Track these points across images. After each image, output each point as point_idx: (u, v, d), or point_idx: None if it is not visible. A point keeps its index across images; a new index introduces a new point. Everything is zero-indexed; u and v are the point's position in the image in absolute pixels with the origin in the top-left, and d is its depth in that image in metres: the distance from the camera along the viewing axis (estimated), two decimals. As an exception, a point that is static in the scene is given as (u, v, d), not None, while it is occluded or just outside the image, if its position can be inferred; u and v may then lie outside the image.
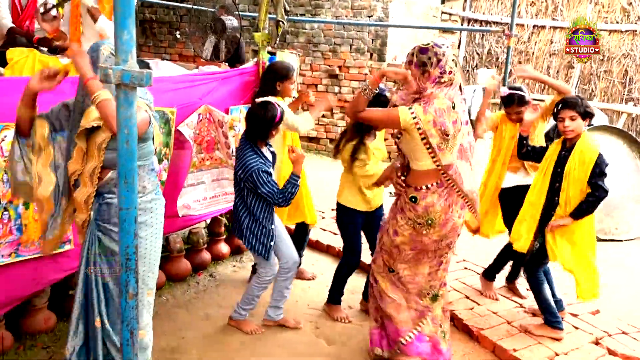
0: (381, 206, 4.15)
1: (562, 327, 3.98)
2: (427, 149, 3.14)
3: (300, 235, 4.66)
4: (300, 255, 4.68)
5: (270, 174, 3.66)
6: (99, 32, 4.46)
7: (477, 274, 4.91)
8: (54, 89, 2.81)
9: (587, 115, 3.74)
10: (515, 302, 4.49)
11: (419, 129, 3.10)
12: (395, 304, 3.51)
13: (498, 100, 8.14)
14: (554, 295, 4.08)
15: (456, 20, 12.29)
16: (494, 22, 12.09)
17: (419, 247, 3.36)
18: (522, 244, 3.95)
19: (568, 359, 3.73)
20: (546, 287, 3.99)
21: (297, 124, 4.13)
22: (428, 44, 3.19)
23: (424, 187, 3.23)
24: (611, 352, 3.85)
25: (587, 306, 4.44)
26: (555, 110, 3.86)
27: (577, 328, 4.11)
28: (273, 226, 3.80)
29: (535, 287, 4.00)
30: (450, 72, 3.18)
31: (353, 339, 3.95)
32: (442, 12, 11.97)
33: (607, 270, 5.40)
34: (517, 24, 11.07)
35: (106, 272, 2.83)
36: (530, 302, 4.35)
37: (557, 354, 3.77)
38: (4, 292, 3.31)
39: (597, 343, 3.94)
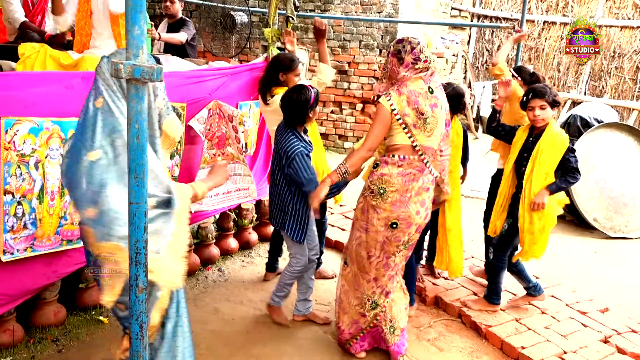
0: None
1: (499, 302, 4.23)
2: (403, 128, 3.29)
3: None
4: (322, 252, 4.69)
5: (310, 158, 3.73)
6: (112, 13, 4.37)
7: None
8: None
9: (555, 104, 3.89)
10: (524, 299, 4.48)
11: (393, 109, 3.27)
12: (343, 304, 3.67)
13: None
14: (528, 280, 4.25)
15: (466, 17, 12.24)
16: (504, 18, 12.04)
17: (369, 231, 3.42)
18: (492, 231, 4.23)
19: (577, 357, 3.72)
20: (503, 274, 4.19)
21: (324, 78, 4.43)
22: (404, 37, 3.43)
23: (390, 156, 3.35)
24: (620, 351, 3.84)
25: (596, 304, 4.44)
26: (524, 100, 3.97)
27: (585, 326, 4.10)
28: (310, 212, 3.84)
29: (494, 270, 4.21)
30: (425, 60, 3.33)
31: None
32: (452, 8, 11.93)
33: (617, 267, 5.40)
34: (527, 20, 11.01)
35: None
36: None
37: (565, 352, 3.77)
38: (18, 285, 3.35)
39: (605, 341, 3.93)
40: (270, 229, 4.98)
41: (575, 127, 6.85)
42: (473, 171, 4.20)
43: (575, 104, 11.07)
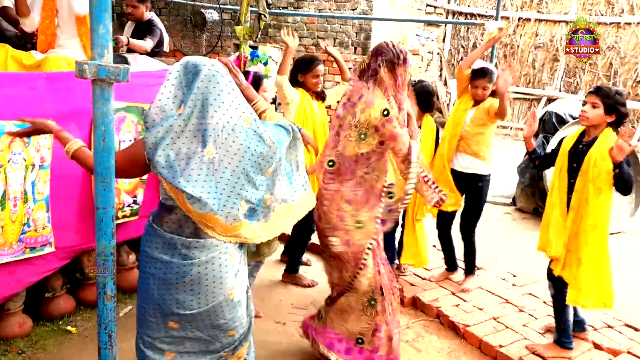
0: None
1: (572, 346, 3.67)
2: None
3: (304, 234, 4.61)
4: (301, 261, 4.70)
5: None
6: (76, 15, 4.26)
7: (462, 269, 4.87)
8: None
9: (613, 110, 3.38)
10: (502, 297, 4.46)
11: None
12: None
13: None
14: (576, 314, 3.79)
15: (441, 13, 12.26)
16: (479, 15, 12.08)
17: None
18: (554, 251, 3.57)
19: (555, 354, 3.69)
20: (571, 309, 3.66)
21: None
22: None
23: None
24: (597, 346, 3.83)
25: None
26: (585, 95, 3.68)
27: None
28: None
29: (559, 306, 3.67)
30: None
31: (338, 337, 3.89)
32: (427, 5, 11.92)
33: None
34: (502, 17, 11.06)
35: None
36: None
37: (532, 352, 3.73)
38: (-21, 296, 3.22)
39: (582, 337, 3.91)
40: None
41: (551, 124, 6.86)
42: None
43: (550, 100, 11.14)
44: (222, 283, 2.37)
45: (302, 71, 4.31)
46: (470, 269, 4.63)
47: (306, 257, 4.91)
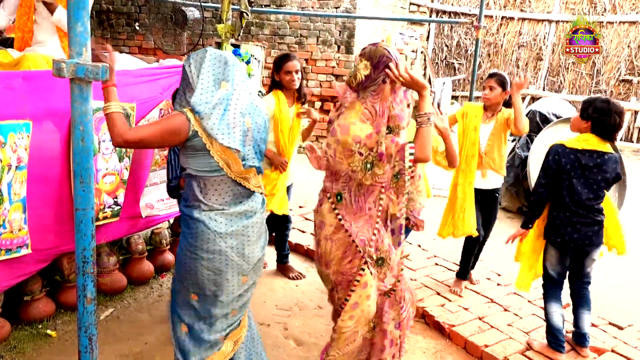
0: None
1: (563, 350, 3.67)
2: None
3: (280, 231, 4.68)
4: (287, 253, 4.78)
5: None
6: (55, 23, 4.24)
7: (448, 269, 4.88)
8: None
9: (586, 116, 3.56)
10: (487, 297, 4.45)
11: None
12: None
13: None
14: (578, 326, 3.74)
15: (425, 12, 12.28)
16: (463, 14, 12.12)
17: None
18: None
19: (540, 354, 3.70)
20: (554, 308, 3.70)
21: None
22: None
23: None
24: (582, 345, 3.83)
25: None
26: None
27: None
28: None
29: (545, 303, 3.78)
30: None
31: (323, 339, 3.85)
32: (411, 4, 11.94)
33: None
34: (485, 16, 11.10)
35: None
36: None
37: (528, 349, 3.75)
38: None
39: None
40: None
41: (535, 123, 6.87)
42: (434, 169, 4.11)
43: (534, 99, 11.20)
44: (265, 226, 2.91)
45: (276, 70, 4.27)
46: (465, 274, 4.62)
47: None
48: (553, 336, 3.68)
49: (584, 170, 3.49)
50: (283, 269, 4.83)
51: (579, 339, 3.74)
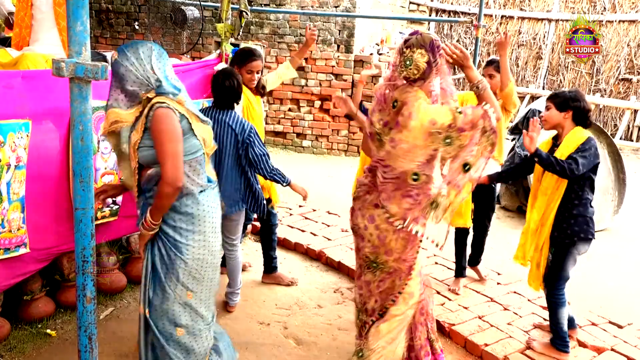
0: None
1: (569, 350, 3.65)
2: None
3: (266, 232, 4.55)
4: (274, 257, 4.62)
5: None
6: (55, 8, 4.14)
7: (448, 268, 4.87)
8: None
9: (565, 106, 3.57)
10: (487, 296, 4.45)
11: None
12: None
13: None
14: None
15: (424, 11, 12.27)
16: (462, 13, 12.10)
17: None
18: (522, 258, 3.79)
19: (539, 352, 3.69)
20: (566, 308, 3.64)
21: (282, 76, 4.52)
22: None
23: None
24: (581, 344, 3.84)
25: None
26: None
27: (547, 320, 4.07)
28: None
29: (552, 305, 3.66)
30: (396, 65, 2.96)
31: (322, 338, 3.86)
32: (410, 3, 11.94)
33: (577, 261, 5.41)
34: (485, 15, 11.09)
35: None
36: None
37: (527, 348, 3.74)
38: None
39: (570, 334, 3.91)
40: None
41: (534, 121, 6.86)
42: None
43: (534, 98, 11.19)
44: None
45: (238, 63, 4.17)
46: (462, 272, 4.61)
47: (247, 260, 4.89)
48: (562, 339, 3.65)
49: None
50: (273, 278, 4.60)
51: (570, 323, 3.79)
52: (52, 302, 3.82)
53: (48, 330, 3.65)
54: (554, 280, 3.63)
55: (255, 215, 4.74)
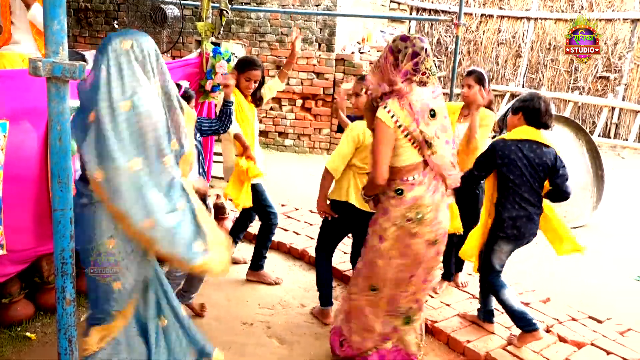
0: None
1: (537, 327, 3.66)
2: (412, 144, 3.01)
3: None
4: (265, 257, 4.60)
5: None
6: (30, 20, 4.19)
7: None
8: None
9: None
10: (467, 292, 4.48)
11: (399, 126, 2.95)
12: (369, 322, 3.37)
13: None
14: (487, 304, 3.95)
15: (405, 10, 12.32)
16: (443, 11, 12.17)
17: (409, 256, 3.13)
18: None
19: (520, 348, 3.72)
20: (507, 290, 3.73)
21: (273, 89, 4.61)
22: (412, 34, 3.03)
23: (409, 178, 3.04)
24: (562, 339, 3.88)
25: (537, 295, 4.48)
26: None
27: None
28: None
29: (490, 293, 3.86)
30: (424, 73, 2.96)
31: (305, 337, 3.86)
32: (391, 1, 11.98)
33: (557, 258, 5.46)
34: (465, 13, 11.17)
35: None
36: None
37: (509, 344, 3.77)
38: None
39: (548, 330, 3.96)
40: None
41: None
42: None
43: (513, 96, 11.29)
44: None
45: (238, 69, 4.19)
46: (449, 276, 4.61)
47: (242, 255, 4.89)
48: (522, 319, 3.66)
49: (528, 161, 3.61)
50: (257, 275, 4.60)
51: (489, 316, 3.95)
52: (32, 304, 3.77)
53: (28, 334, 3.61)
54: (481, 270, 3.85)
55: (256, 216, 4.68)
